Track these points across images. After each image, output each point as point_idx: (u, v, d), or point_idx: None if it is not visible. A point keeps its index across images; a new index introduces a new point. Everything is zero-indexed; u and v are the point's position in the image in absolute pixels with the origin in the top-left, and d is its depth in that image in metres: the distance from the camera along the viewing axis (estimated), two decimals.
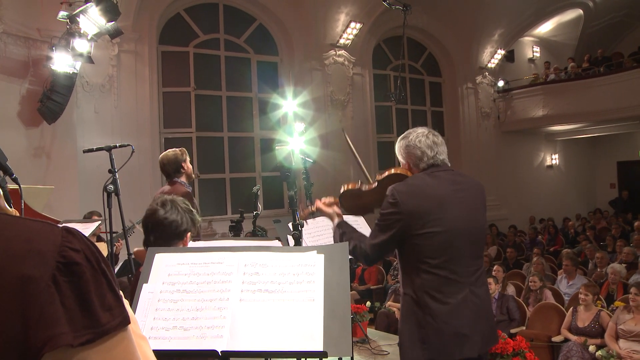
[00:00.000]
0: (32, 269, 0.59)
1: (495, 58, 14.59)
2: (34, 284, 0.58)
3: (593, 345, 5.41)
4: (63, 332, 0.59)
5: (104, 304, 0.63)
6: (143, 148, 8.44)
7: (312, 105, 10.80)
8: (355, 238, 2.63)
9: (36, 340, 0.58)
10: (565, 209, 15.69)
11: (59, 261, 0.61)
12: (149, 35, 9.17)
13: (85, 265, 0.63)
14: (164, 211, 2.24)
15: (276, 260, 1.82)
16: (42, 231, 0.62)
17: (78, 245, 0.63)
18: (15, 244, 0.60)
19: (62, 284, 0.60)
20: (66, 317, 0.60)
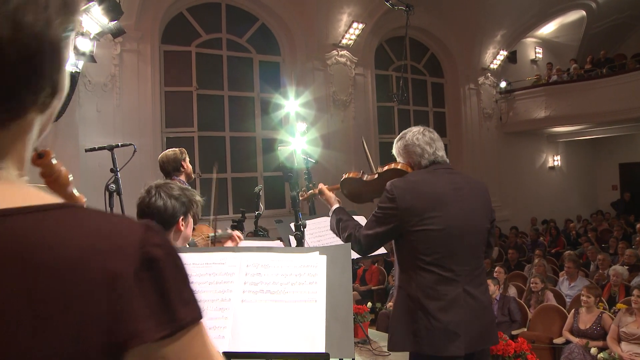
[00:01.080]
0: (117, 264, 0.59)
1: (498, 59, 14.57)
2: (119, 279, 0.59)
3: (595, 347, 5.39)
4: (148, 327, 0.60)
5: (182, 298, 0.64)
6: (145, 147, 8.43)
7: (314, 106, 10.78)
8: (351, 226, 2.66)
9: (121, 335, 0.59)
10: (567, 210, 15.66)
11: (142, 257, 0.61)
12: (152, 34, 9.17)
13: (166, 260, 0.63)
14: (149, 197, 2.16)
15: (278, 261, 1.81)
16: (124, 226, 0.63)
17: (158, 240, 0.63)
18: (100, 239, 0.60)
19: (145, 279, 0.61)
20: (149, 311, 0.60)
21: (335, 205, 2.88)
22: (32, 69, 0.60)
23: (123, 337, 0.59)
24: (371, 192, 2.90)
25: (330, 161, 10.33)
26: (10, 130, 0.62)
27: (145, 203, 2.15)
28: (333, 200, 2.92)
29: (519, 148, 15.38)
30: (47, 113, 0.67)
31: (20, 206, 0.58)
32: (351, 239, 2.60)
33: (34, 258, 0.56)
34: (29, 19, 0.58)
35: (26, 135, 0.65)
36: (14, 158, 0.64)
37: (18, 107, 0.61)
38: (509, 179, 14.66)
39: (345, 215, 2.78)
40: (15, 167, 0.64)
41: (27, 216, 0.58)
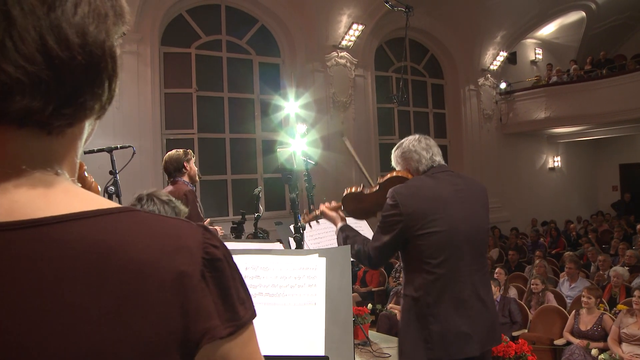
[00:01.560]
0: (184, 264, 0.62)
1: (498, 60, 14.57)
2: (189, 279, 0.62)
3: (596, 348, 5.38)
4: (218, 325, 0.63)
5: (239, 297, 0.68)
6: (145, 149, 8.43)
7: (314, 107, 10.78)
8: (359, 241, 2.65)
9: (195, 332, 0.62)
10: (568, 211, 15.66)
11: (204, 257, 0.64)
12: (151, 36, 9.17)
13: (225, 261, 0.67)
14: (140, 205, 2.19)
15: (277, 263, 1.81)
16: (184, 227, 0.66)
17: (217, 242, 0.67)
18: (167, 241, 0.63)
19: (209, 279, 0.64)
20: (216, 310, 0.64)
21: (340, 224, 2.86)
22: (96, 74, 0.63)
23: (197, 334, 0.62)
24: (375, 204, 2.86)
25: (330, 163, 10.32)
26: (66, 136, 0.64)
27: None
28: (337, 219, 2.89)
29: (519, 149, 15.38)
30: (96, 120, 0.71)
31: (90, 210, 0.61)
32: (360, 254, 2.60)
33: (110, 258, 0.58)
34: (93, 28, 0.61)
35: (78, 141, 0.68)
36: (68, 164, 0.67)
37: (76, 113, 0.63)
38: (509, 180, 14.65)
39: (351, 231, 2.78)
40: (70, 173, 0.67)
41: (98, 219, 0.61)
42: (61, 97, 0.60)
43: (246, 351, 0.68)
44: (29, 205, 0.59)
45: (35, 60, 0.57)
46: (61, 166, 0.65)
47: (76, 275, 0.57)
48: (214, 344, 0.63)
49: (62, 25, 0.58)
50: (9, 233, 0.56)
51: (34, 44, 0.57)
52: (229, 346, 0.65)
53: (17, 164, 0.60)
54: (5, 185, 0.59)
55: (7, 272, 0.55)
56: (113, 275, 0.58)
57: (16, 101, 0.57)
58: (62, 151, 0.65)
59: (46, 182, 0.62)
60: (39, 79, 0.57)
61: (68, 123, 0.62)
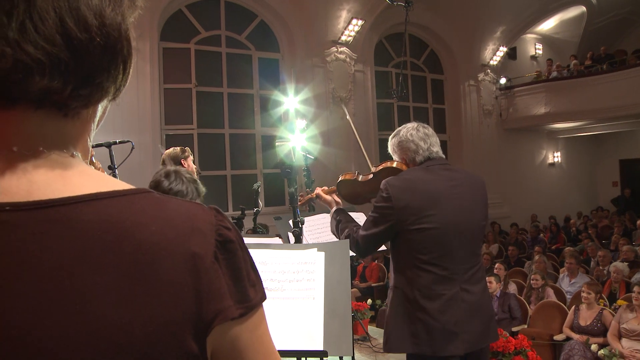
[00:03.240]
0: (197, 246, 0.63)
1: (498, 55, 14.55)
2: (202, 260, 0.62)
3: (595, 344, 5.38)
4: (230, 305, 0.64)
5: (250, 279, 0.68)
6: (144, 144, 8.42)
7: (314, 102, 10.77)
8: (349, 228, 2.64)
9: (208, 313, 0.62)
10: (568, 207, 15.65)
11: (217, 239, 0.65)
12: (150, 31, 9.15)
13: (237, 243, 0.67)
14: (169, 182, 2.20)
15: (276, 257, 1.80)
16: (198, 209, 0.67)
17: (229, 224, 0.68)
18: (180, 222, 0.63)
19: (222, 260, 0.64)
20: (228, 292, 0.64)
21: (335, 208, 2.86)
22: (113, 56, 0.64)
23: (209, 315, 0.62)
24: (368, 192, 2.88)
25: (330, 158, 10.31)
26: (81, 118, 0.65)
27: (166, 187, 2.18)
28: (332, 203, 2.90)
29: (519, 144, 15.36)
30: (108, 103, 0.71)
31: (105, 191, 0.62)
32: (350, 240, 2.57)
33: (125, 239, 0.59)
34: (109, 11, 0.63)
35: (91, 124, 0.69)
36: (82, 146, 0.68)
37: (97, 94, 0.64)
38: (509, 176, 14.64)
39: (344, 216, 2.77)
40: (84, 155, 0.68)
41: (113, 200, 0.61)
42: (79, 78, 0.60)
43: (256, 334, 0.69)
44: (47, 186, 0.60)
45: (55, 41, 0.57)
46: (76, 148, 0.66)
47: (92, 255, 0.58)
48: (225, 325, 0.64)
49: (81, 7, 0.59)
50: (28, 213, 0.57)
51: (53, 25, 0.57)
52: (239, 328, 0.66)
53: (34, 145, 0.61)
54: (24, 165, 0.60)
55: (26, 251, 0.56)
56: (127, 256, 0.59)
57: (36, 81, 0.57)
58: (76, 133, 0.66)
59: (63, 163, 0.63)
60: (59, 59, 0.58)
61: (84, 104, 0.63)
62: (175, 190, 2.18)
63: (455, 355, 2.36)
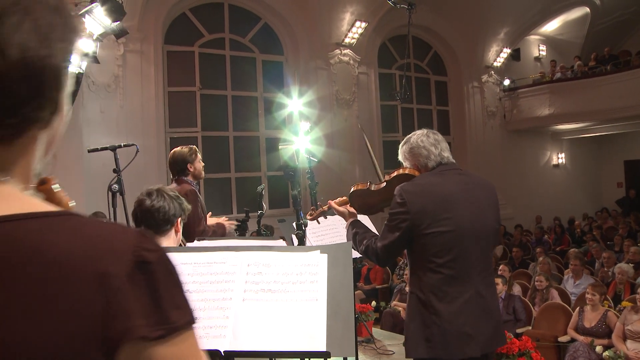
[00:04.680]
0: (110, 266, 0.64)
1: (501, 57, 14.53)
2: (113, 280, 0.63)
3: (600, 345, 5.37)
4: (140, 325, 0.64)
5: (174, 302, 0.68)
6: (148, 148, 8.45)
7: (318, 105, 10.79)
8: (368, 238, 2.65)
9: (115, 331, 0.63)
10: (572, 208, 15.60)
11: (134, 260, 0.66)
12: (155, 35, 9.19)
13: (158, 264, 0.67)
14: (150, 200, 2.26)
15: (279, 260, 1.81)
16: (118, 232, 0.68)
17: (151, 246, 0.68)
18: (95, 243, 0.65)
19: (137, 281, 0.65)
20: (142, 311, 0.65)
21: (350, 219, 2.85)
22: (34, 88, 0.65)
23: (116, 333, 0.63)
24: (381, 201, 2.87)
25: (334, 160, 10.33)
26: (14, 146, 0.67)
27: (148, 205, 2.26)
28: (347, 214, 2.88)
29: (523, 146, 15.33)
30: (50, 132, 0.72)
31: (25, 212, 0.64)
32: (369, 251, 2.60)
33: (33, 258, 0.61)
34: (34, 45, 0.64)
35: (30, 153, 0.70)
36: (19, 173, 0.69)
37: (21, 124, 0.66)
38: (513, 177, 14.61)
39: (361, 227, 2.77)
40: (20, 181, 0.69)
41: (30, 221, 0.63)
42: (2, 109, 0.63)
43: (177, 356, 0.68)
44: None
45: None
46: (10, 173, 0.67)
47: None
48: (138, 344, 0.64)
49: (3, 40, 0.61)
50: None
51: None
52: (157, 350, 0.66)
53: None
54: None
55: None
56: (34, 275, 0.60)
57: None
58: (10, 158, 0.67)
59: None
60: None
61: (12, 133, 0.65)
62: (157, 206, 2.25)
63: (472, 357, 2.37)
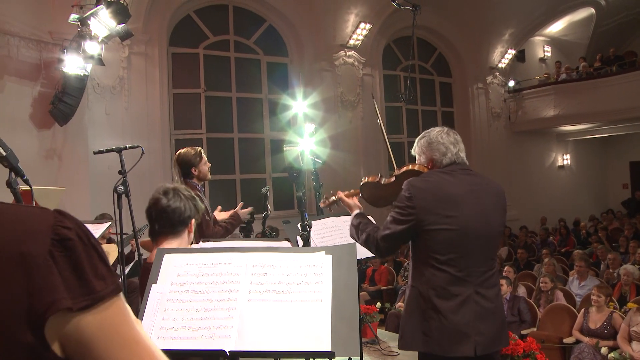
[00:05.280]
0: (30, 246, 0.68)
1: (506, 58, 14.52)
2: (33, 259, 0.67)
3: (605, 347, 5.36)
4: (63, 297, 0.68)
5: (97, 273, 0.72)
6: (153, 149, 8.49)
7: (322, 106, 10.80)
8: (370, 228, 2.67)
9: (40, 306, 0.67)
10: (577, 209, 15.56)
11: (53, 238, 0.70)
12: (159, 37, 9.22)
13: (77, 240, 0.72)
14: (167, 199, 2.26)
15: (284, 260, 1.82)
16: (35, 214, 0.72)
17: (69, 224, 0.72)
18: (14, 225, 0.69)
19: (58, 257, 0.69)
20: (64, 285, 0.69)
21: (356, 211, 2.88)
22: None
23: (41, 307, 0.67)
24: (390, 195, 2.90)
25: (339, 162, 10.34)
26: None
27: (164, 205, 2.25)
28: (353, 206, 2.92)
29: (528, 147, 15.31)
30: None
31: None
32: (369, 240, 2.61)
33: None
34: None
35: None
36: None
37: None
38: (518, 179, 14.58)
39: (364, 219, 2.79)
40: None
41: None
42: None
43: (108, 323, 0.72)
44: None
45: None
46: None
47: None
48: (64, 316, 0.69)
49: None
50: None
51: None
52: (84, 319, 0.70)
53: None
54: None
55: None
56: None
57: None
58: None
59: None
60: None
61: None
62: (173, 207, 2.26)
63: (466, 356, 2.38)
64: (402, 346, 2.53)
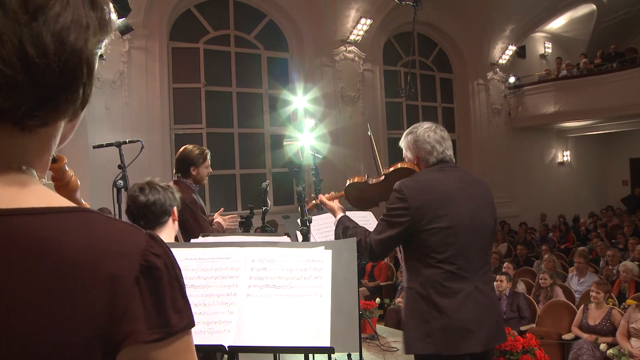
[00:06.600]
0: (120, 269, 0.65)
1: (507, 54, 14.49)
2: (121, 283, 0.65)
3: (604, 343, 5.37)
4: (142, 329, 0.66)
5: (175, 307, 0.70)
6: (153, 144, 8.47)
7: (323, 102, 10.78)
8: (360, 233, 2.62)
9: (118, 333, 0.65)
10: (577, 206, 15.57)
11: (142, 264, 0.67)
12: (160, 31, 9.20)
13: (164, 270, 0.69)
14: (144, 195, 2.26)
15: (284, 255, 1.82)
16: (129, 233, 0.69)
17: (159, 251, 0.69)
18: (107, 244, 0.66)
19: (143, 285, 0.67)
20: (145, 315, 0.66)
21: (339, 215, 2.83)
22: (69, 80, 0.66)
23: (120, 335, 0.65)
24: (378, 195, 2.85)
25: (339, 157, 10.33)
26: (38, 135, 0.68)
27: (143, 201, 2.26)
28: (336, 210, 2.86)
29: (528, 143, 15.29)
30: (73, 123, 0.74)
31: (45, 206, 0.65)
32: (360, 245, 2.55)
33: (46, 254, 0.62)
34: (72, 37, 0.65)
35: (51, 141, 0.71)
36: (39, 162, 0.70)
37: (51, 114, 0.67)
38: (518, 175, 14.58)
39: (350, 222, 2.74)
40: (38, 170, 0.70)
41: (46, 216, 0.64)
42: (34, 99, 0.63)
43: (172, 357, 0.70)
44: None
45: (13, 64, 0.60)
46: (31, 163, 0.69)
47: (9, 267, 0.60)
48: (138, 347, 0.66)
49: (42, 33, 0.61)
50: None
51: (13, 50, 0.60)
52: (155, 353, 0.68)
53: None
54: None
55: None
56: (45, 270, 0.61)
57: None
58: (34, 149, 0.69)
59: (8, 177, 0.66)
60: (15, 81, 0.61)
61: (41, 123, 0.66)
62: (152, 200, 2.26)
63: (472, 353, 2.37)
64: (407, 351, 2.49)
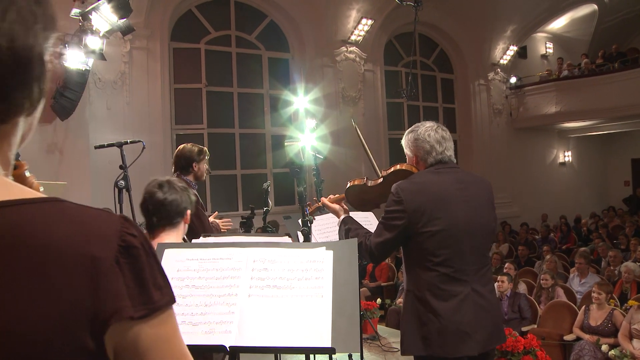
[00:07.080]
0: (99, 250, 0.68)
1: (508, 54, 14.48)
2: (101, 263, 0.67)
3: (606, 344, 5.36)
4: (126, 305, 0.69)
5: (156, 283, 0.73)
6: (155, 144, 8.48)
7: (324, 102, 10.78)
8: (361, 235, 2.64)
9: (104, 312, 0.67)
10: (578, 206, 15.54)
11: (120, 244, 0.70)
12: (161, 32, 9.21)
13: (142, 248, 0.72)
14: (162, 192, 2.27)
15: (285, 256, 1.82)
16: (103, 217, 0.72)
17: (135, 231, 0.73)
18: (83, 228, 0.69)
19: (123, 264, 0.69)
20: (128, 293, 0.69)
21: (342, 216, 2.85)
22: (22, 76, 0.68)
23: (106, 313, 0.67)
24: (377, 197, 2.87)
25: (340, 158, 10.32)
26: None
27: (161, 198, 2.27)
28: (339, 211, 2.89)
29: (530, 144, 15.28)
30: (30, 119, 0.74)
31: (15, 199, 0.67)
32: (362, 247, 2.57)
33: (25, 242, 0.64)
34: (21, 32, 0.67)
35: (11, 138, 0.72)
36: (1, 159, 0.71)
37: (8, 110, 0.68)
38: (520, 175, 14.57)
39: (353, 224, 2.76)
40: (1, 167, 0.71)
41: (21, 207, 0.66)
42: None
43: (161, 334, 0.73)
44: None
45: None
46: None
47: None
48: (124, 324, 0.68)
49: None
50: None
51: None
52: (141, 328, 0.70)
53: None
54: None
55: None
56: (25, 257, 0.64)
57: None
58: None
59: None
60: None
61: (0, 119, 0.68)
62: (169, 199, 2.27)
63: (469, 355, 2.37)
64: (404, 352, 2.51)
